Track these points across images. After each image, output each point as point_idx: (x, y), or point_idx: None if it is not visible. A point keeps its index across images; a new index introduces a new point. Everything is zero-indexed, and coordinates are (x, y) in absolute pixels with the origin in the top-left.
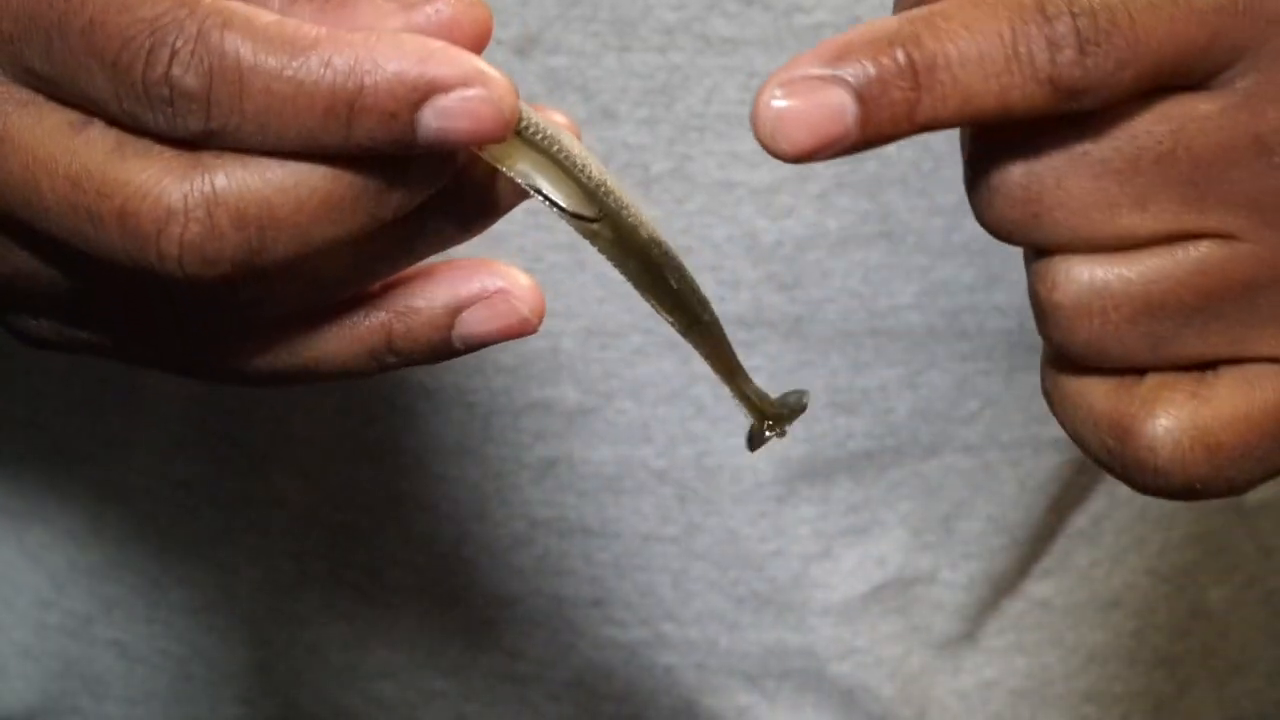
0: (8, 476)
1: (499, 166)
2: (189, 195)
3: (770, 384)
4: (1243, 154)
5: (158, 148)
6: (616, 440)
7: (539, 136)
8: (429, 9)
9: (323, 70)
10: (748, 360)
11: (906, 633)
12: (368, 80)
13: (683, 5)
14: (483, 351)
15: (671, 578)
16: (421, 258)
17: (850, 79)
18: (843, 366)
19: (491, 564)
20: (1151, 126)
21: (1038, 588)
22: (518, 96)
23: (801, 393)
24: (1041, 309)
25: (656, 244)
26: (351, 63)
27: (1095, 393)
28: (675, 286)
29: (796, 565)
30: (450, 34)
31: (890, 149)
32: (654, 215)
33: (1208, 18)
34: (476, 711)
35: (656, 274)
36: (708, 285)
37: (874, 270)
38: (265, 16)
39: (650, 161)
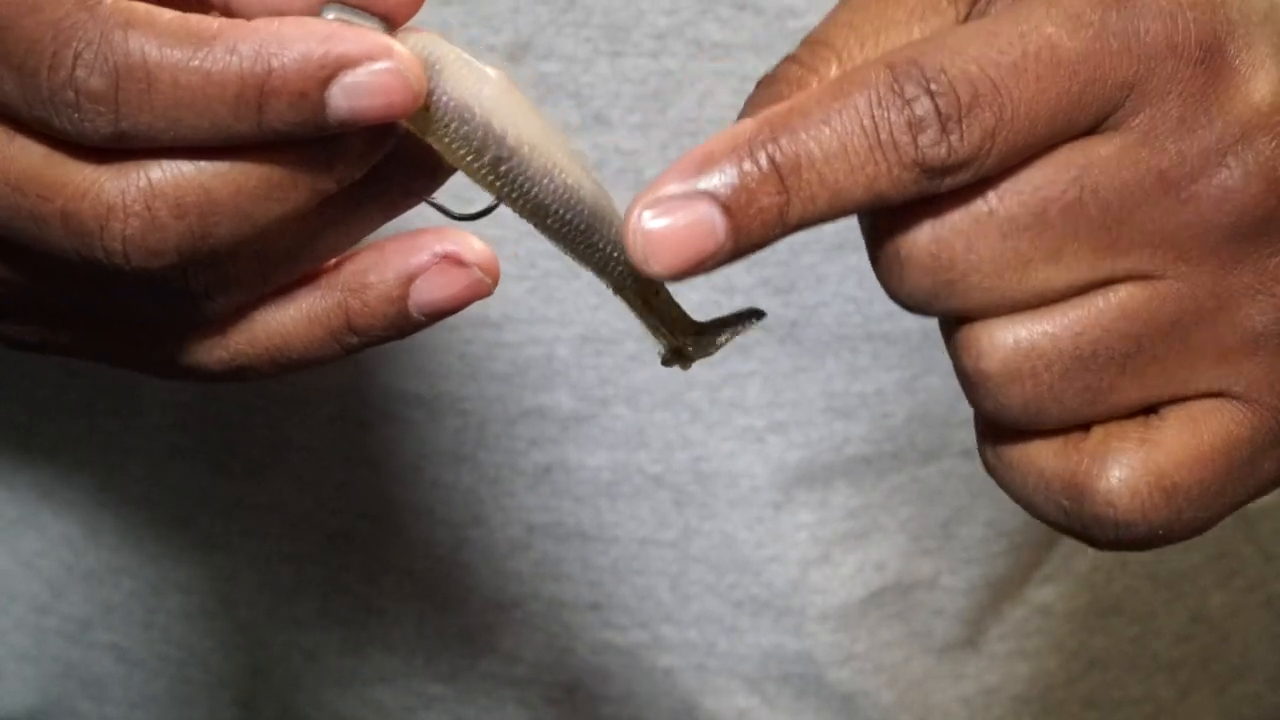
0: (4, 482)
1: (423, 138)
2: (126, 191)
3: (767, 390)
4: (1150, 192)
5: (85, 150)
6: (612, 446)
7: (444, 116)
8: None
9: (229, 57)
10: (743, 365)
11: (907, 638)
12: (275, 63)
13: (675, 10)
14: (477, 359)
15: (669, 581)
16: (370, 227)
17: (716, 192)
18: (839, 371)
19: (489, 569)
20: (1054, 176)
21: (1039, 593)
22: (424, 72)
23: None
24: (970, 380)
25: (567, 206)
26: (257, 47)
27: (1041, 456)
28: (599, 246)
29: (795, 571)
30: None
31: None
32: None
33: (1077, 68)
34: (474, 716)
35: (571, 237)
36: (701, 291)
37: (869, 274)
38: (167, 13)
39: (644, 166)
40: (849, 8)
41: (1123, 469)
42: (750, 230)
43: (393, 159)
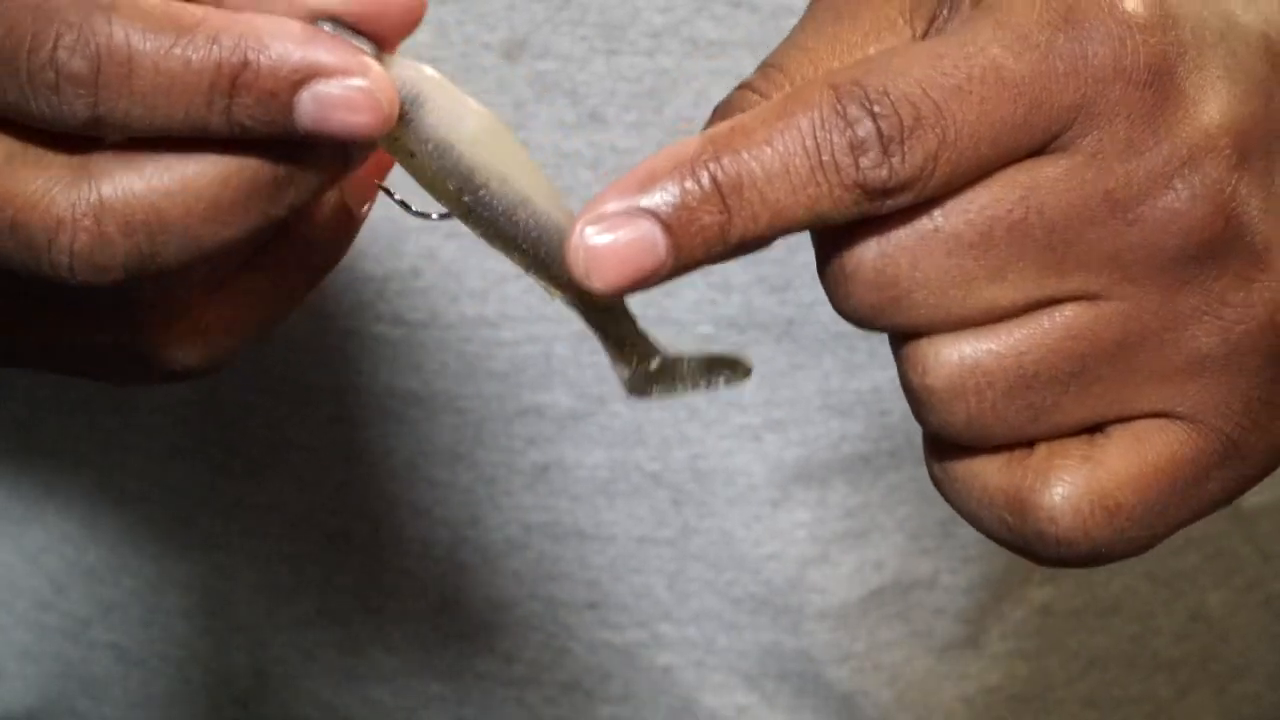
0: (5, 480)
1: (395, 160)
2: (76, 204)
3: (764, 388)
4: (1096, 213)
5: (47, 157)
6: (610, 444)
7: (419, 147)
8: None
9: (209, 46)
10: None
11: (906, 638)
12: (250, 56)
13: (670, 8)
14: (474, 357)
15: (667, 579)
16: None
17: (657, 209)
18: (835, 369)
19: (486, 568)
20: (1000, 195)
21: (1038, 593)
22: (401, 100)
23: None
24: (915, 395)
25: (533, 245)
26: (237, 39)
27: (986, 471)
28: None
29: (793, 569)
30: (383, 5)
31: None
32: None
33: (1022, 91)
34: (473, 715)
35: (538, 271)
36: (698, 288)
37: None
38: (151, 1)
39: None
40: (804, 31)
41: (1066, 486)
42: (691, 248)
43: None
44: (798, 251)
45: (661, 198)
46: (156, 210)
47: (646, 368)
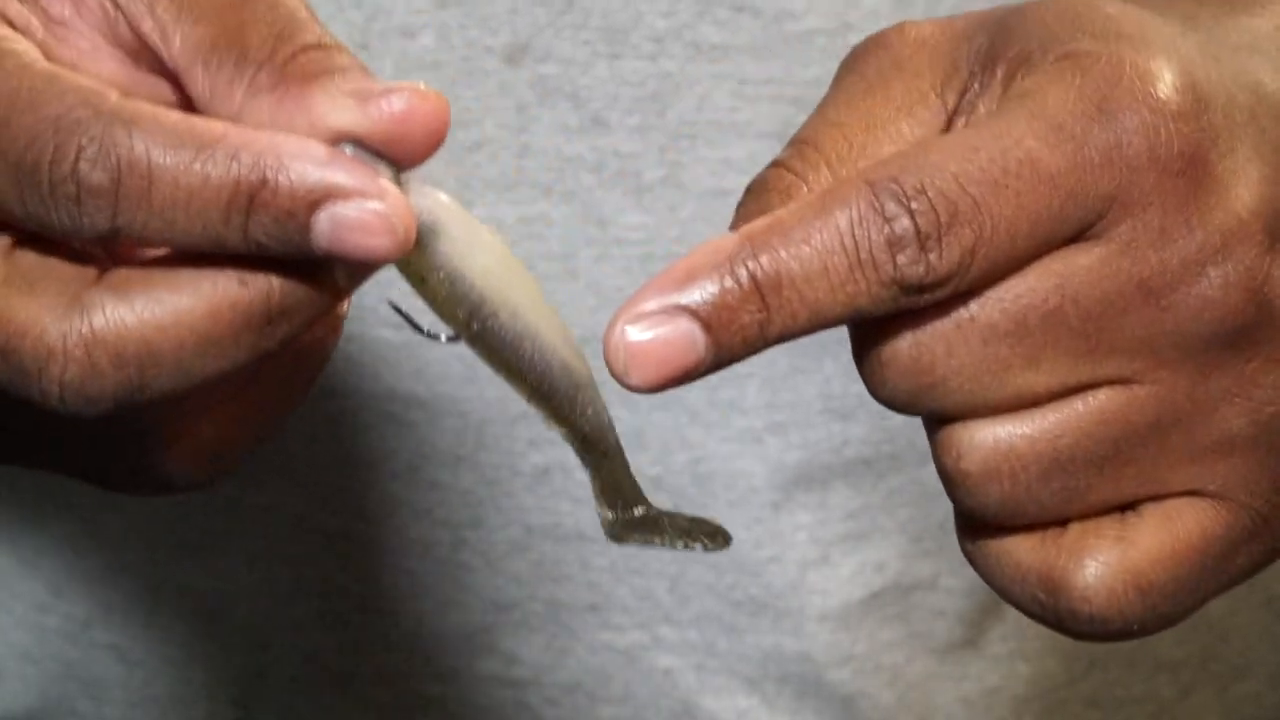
0: (5, 482)
1: (408, 281)
2: (67, 335)
3: (765, 391)
4: (1130, 301)
5: (41, 284)
6: None
7: (432, 275)
8: (383, 103)
9: (229, 163)
10: (742, 366)
11: (907, 639)
12: (269, 175)
13: (673, 12)
14: (476, 360)
15: (668, 582)
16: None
17: (697, 308)
18: (837, 372)
19: (488, 570)
20: (1035, 284)
21: None
22: (415, 222)
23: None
24: (949, 478)
25: (538, 376)
26: (256, 157)
27: (1019, 550)
28: (572, 414)
29: (794, 571)
30: (406, 126)
31: None
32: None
33: (1059, 183)
34: (473, 716)
35: (541, 402)
36: None
37: None
38: (172, 114)
39: (642, 169)
40: (835, 105)
41: (1099, 566)
42: (731, 345)
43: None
44: None
45: (701, 295)
46: (147, 343)
47: (630, 515)
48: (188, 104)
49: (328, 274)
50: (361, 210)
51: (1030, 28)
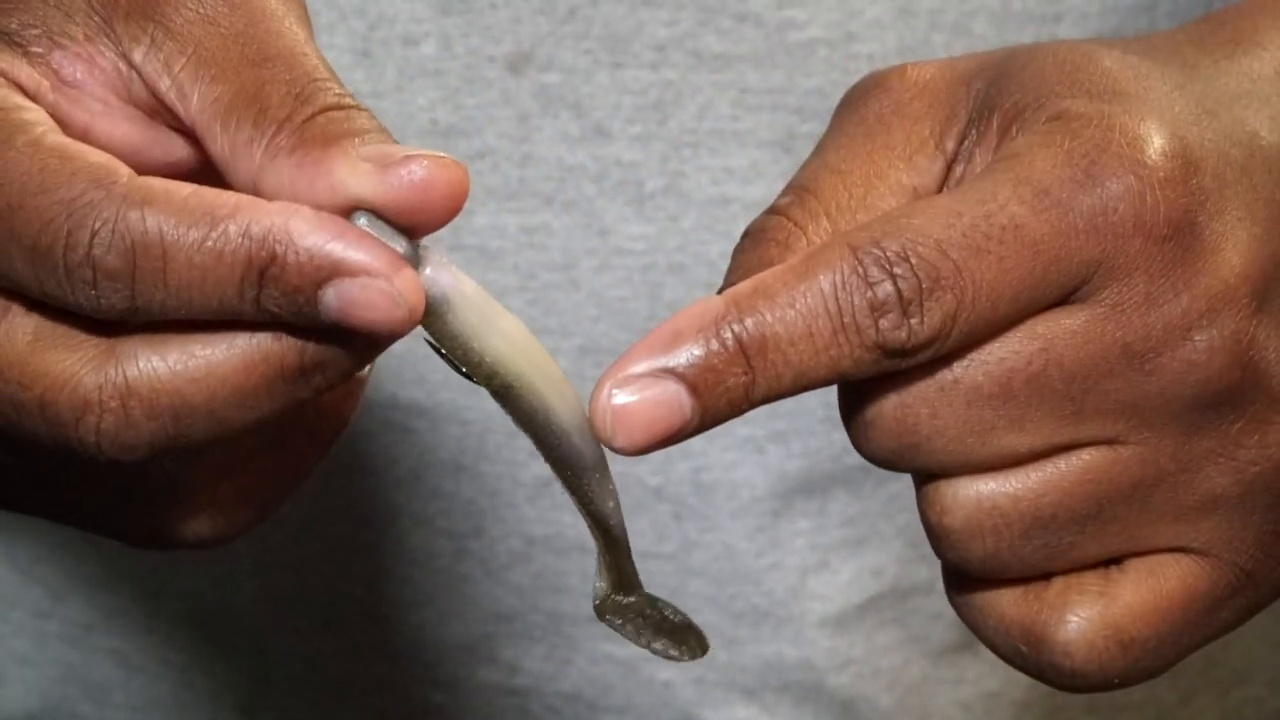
0: None
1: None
2: (103, 387)
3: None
4: (1114, 365)
5: (77, 337)
6: (611, 458)
7: (445, 344)
8: (403, 171)
9: (241, 239)
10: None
11: (904, 642)
12: (278, 250)
13: (675, 22)
14: None
15: (669, 594)
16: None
17: (683, 371)
18: None
19: (489, 580)
20: (1019, 348)
21: None
22: (424, 294)
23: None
24: (934, 533)
25: (548, 448)
26: (266, 232)
27: (1003, 602)
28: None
29: (793, 578)
30: (425, 195)
31: None
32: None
33: (1042, 249)
34: None
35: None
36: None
37: None
38: (183, 189)
39: (644, 178)
40: (837, 150)
41: (1080, 622)
42: (717, 408)
43: None
44: None
45: (687, 358)
46: (181, 394)
47: (620, 599)
48: (205, 161)
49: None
50: (366, 288)
51: (1027, 79)
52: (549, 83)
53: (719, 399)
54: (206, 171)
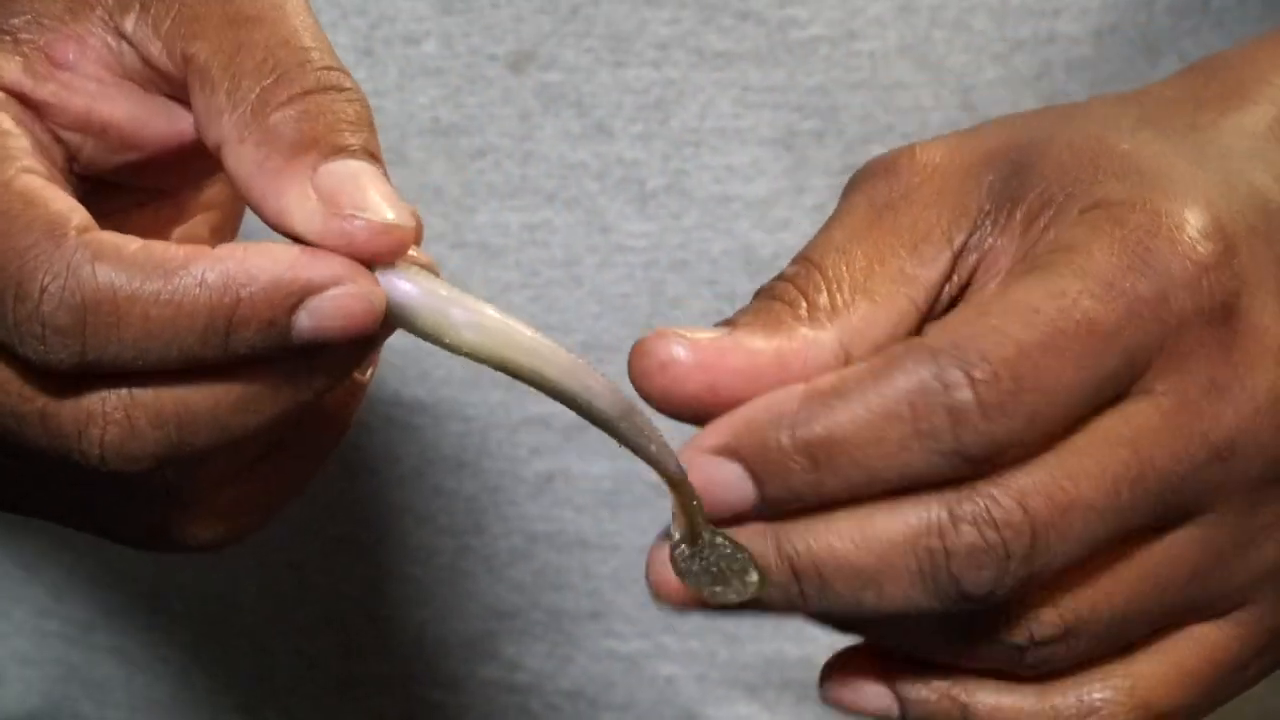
0: None
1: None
2: (106, 398)
3: None
4: (1196, 456)
5: None
6: (614, 454)
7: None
8: (346, 225)
9: (197, 290)
10: None
11: None
12: (244, 293)
13: (677, 20)
14: (479, 366)
15: None
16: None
17: (750, 460)
18: None
19: (490, 577)
20: (1110, 454)
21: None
22: (383, 292)
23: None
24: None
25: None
26: (225, 278)
27: (1023, 705)
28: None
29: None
30: (356, 251)
31: None
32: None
33: (1113, 341)
34: None
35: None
36: (705, 299)
37: None
38: (132, 244)
39: (646, 177)
40: (843, 229)
41: (1109, 707)
42: (779, 497)
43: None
44: None
45: (754, 448)
46: (185, 403)
47: (685, 549)
48: None
49: None
50: (333, 298)
51: (1048, 170)
52: (551, 81)
53: (781, 490)
54: None
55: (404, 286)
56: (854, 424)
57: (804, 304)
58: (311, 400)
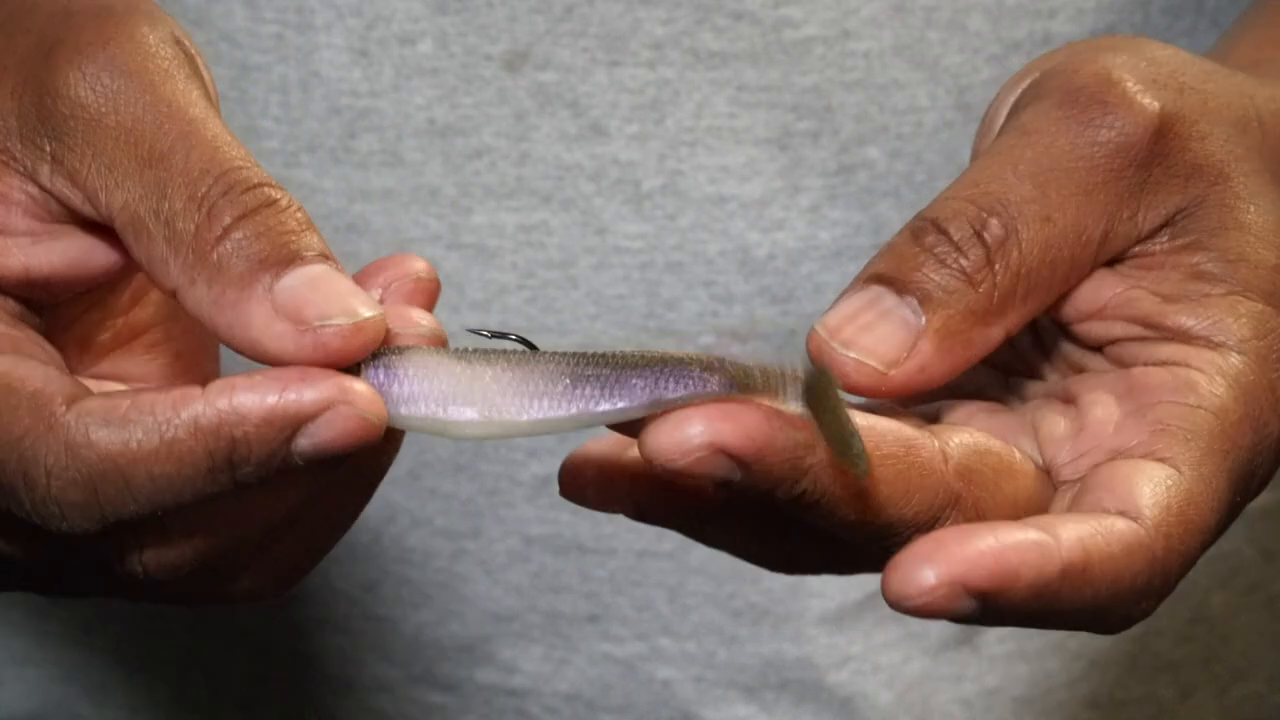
0: None
1: None
2: (138, 529)
3: None
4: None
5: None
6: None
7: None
8: (318, 338)
9: (193, 441)
10: None
11: (903, 639)
12: (238, 433)
13: (672, 20)
14: None
15: (668, 593)
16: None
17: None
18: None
19: (487, 580)
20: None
21: None
22: (383, 408)
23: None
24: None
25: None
26: (218, 423)
27: None
28: None
29: (792, 576)
30: (332, 359)
31: (880, 160)
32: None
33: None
34: None
35: None
36: (700, 300)
37: None
38: (121, 404)
39: (641, 177)
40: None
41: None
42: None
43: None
44: (800, 263)
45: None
46: (209, 513)
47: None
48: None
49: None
50: (332, 424)
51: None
52: (546, 81)
53: None
54: None
55: (394, 391)
56: None
57: None
58: (333, 477)
